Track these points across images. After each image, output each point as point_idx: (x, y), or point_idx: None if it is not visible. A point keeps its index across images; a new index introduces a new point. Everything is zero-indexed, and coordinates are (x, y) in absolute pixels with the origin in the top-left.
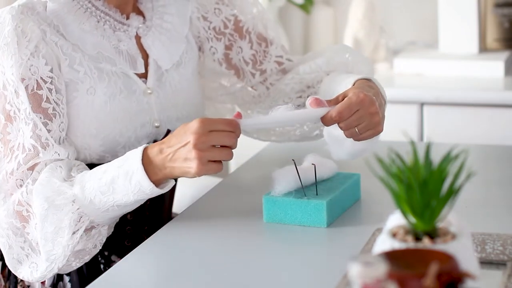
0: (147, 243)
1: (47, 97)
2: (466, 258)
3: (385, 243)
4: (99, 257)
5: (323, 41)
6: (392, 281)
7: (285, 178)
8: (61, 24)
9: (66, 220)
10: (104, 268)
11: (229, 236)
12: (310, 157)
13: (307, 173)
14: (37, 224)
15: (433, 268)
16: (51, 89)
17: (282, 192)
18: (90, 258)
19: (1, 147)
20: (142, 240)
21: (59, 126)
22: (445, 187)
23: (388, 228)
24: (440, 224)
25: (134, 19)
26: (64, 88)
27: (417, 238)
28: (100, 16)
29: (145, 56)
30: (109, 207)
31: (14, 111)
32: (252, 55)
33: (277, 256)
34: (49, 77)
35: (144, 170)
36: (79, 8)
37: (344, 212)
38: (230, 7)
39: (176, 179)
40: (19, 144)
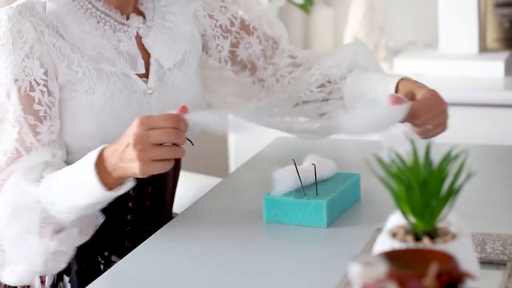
0: (147, 243)
1: (39, 99)
2: (466, 258)
3: (385, 243)
4: (99, 257)
5: (323, 41)
6: (392, 281)
7: (285, 178)
8: (60, 24)
9: (32, 221)
10: (104, 268)
11: (229, 236)
12: (310, 157)
13: (307, 173)
14: (1, 228)
15: (433, 268)
16: (44, 92)
17: (282, 192)
18: (69, 261)
19: None
20: (142, 240)
21: (49, 129)
22: (445, 187)
23: (388, 228)
24: (440, 224)
25: (134, 20)
26: (57, 91)
27: (417, 238)
28: (100, 17)
29: (146, 57)
30: (68, 209)
31: (3, 113)
32: (261, 50)
33: (277, 256)
34: (43, 79)
35: (97, 172)
36: (79, 8)
37: (344, 212)
38: (236, 5)
39: (176, 179)
40: (1, 147)
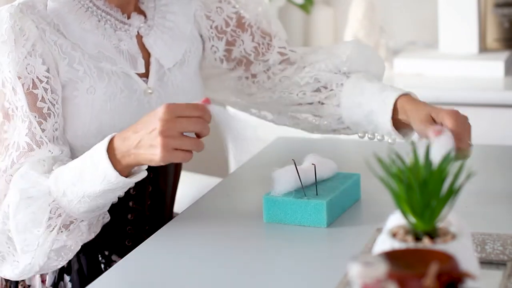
0: (147, 243)
1: (42, 96)
2: (466, 258)
3: (385, 243)
4: (100, 257)
5: (323, 41)
6: (392, 281)
7: (285, 178)
8: (61, 23)
9: (41, 212)
10: (105, 268)
11: (229, 236)
12: (310, 157)
13: (307, 173)
14: (10, 215)
15: (433, 268)
16: (47, 89)
17: (282, 192)
18: (72, 256)
19: None
20: (143, 240)
21: (53, 126)
22: (445, 187)
23: (388, 228)
24: (440, 224)
25: (135, 19)
26: (60, 88)
27: (417, 238)
28: (101, 16)
29: (147, 56)
30: (80, 199)
31: (12, 109)
32: (254, 48)
33: (277, 256)
34: (45, 76)
35: (109, 158)
36: (80, 7)
37: (344, 212)
38: (232, 4)
39: (176, 178)
40: (14, 142)
